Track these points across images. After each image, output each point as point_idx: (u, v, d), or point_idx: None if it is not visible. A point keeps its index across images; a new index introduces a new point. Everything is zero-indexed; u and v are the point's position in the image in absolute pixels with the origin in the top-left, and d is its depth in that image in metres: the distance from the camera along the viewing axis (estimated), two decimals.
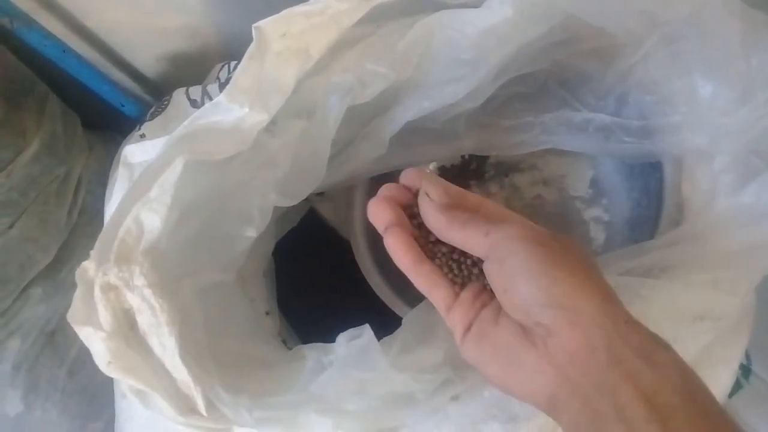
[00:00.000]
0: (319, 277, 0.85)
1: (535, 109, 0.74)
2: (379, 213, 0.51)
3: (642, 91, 0.66)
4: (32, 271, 0.84)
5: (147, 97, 1.02)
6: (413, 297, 0.70)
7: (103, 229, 0.50)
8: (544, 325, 0.41)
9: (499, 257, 0.44)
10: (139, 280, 0.47)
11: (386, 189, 0.52)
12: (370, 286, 0.73)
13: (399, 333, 0.55)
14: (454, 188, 0.50)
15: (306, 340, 0.71)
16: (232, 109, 0.54)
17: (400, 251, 0.49)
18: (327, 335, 0.59)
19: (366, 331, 0.53)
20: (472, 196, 0.50)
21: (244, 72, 0.55)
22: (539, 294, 0.42)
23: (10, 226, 0.81)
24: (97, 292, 0.47)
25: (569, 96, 0.72)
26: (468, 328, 0.46)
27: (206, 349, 0.51)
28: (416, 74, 0.61)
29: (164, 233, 0.49)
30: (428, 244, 0.50)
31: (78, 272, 0.48)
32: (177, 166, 0.49)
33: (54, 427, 0.90)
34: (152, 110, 0.84)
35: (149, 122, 0.81)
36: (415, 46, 0.59)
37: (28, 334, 0.84)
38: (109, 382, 0.74)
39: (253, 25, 0.55)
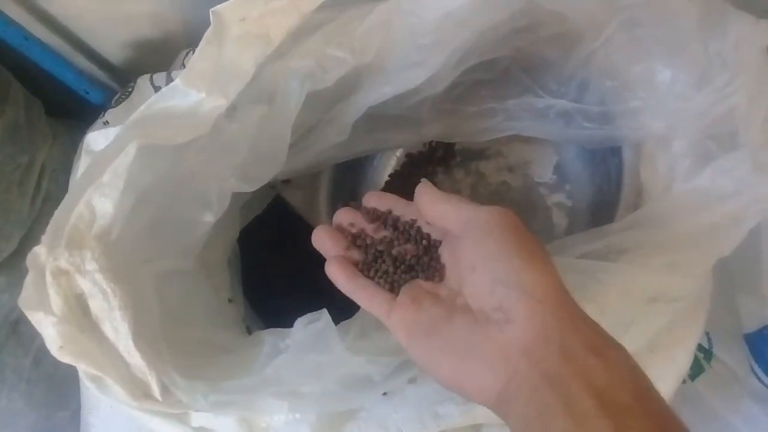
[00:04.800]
0: (284, 264, 0.85)
1: (498, 95, 0.74)
2: (321, 243, 0.56)
3: (603, 76, 0.67)
4: None
5: (112, 84, 1.01)
6: None
7: (55, 214, 0.49)
8: (504, 310, 0.41)
9: (476, 236, 0.46)
10: (91, 265, 0.46)
11: (338, 216, 0.58)
12: None
13: (357, 317, 0.55)
14: None
15: (271, 326, 0.71)
16: (189, 94, 0.53)
17: (340, 277, 0.52)
18: (292, 322, 0.58)
19: (323, 316, 0.53)
20: None
21: (201, 56, 0.54)
22: (509, 275, 0.42)
23: None
24: (48, 277, 0.47)
25: (532, 82, 0.73)
26: (411, 327, 0.47)
27: (161, 334, 0.51)
28: (377, 59, 0.61)
29: (117, 218, 0.49)
30: (369, 263, 0.53)
31: (29, 257, 0.48)
32: (130, 151, 0.49)
33: (20, 417, 0.89)
34: (117, 97, 0.83)
35: (113, 109, 0.81)
36: (375, 31, 0.59)
37: None
38: (75, 371, 0.74)
39: (211, 9, 0.55)
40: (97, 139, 0.74)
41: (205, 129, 0.54)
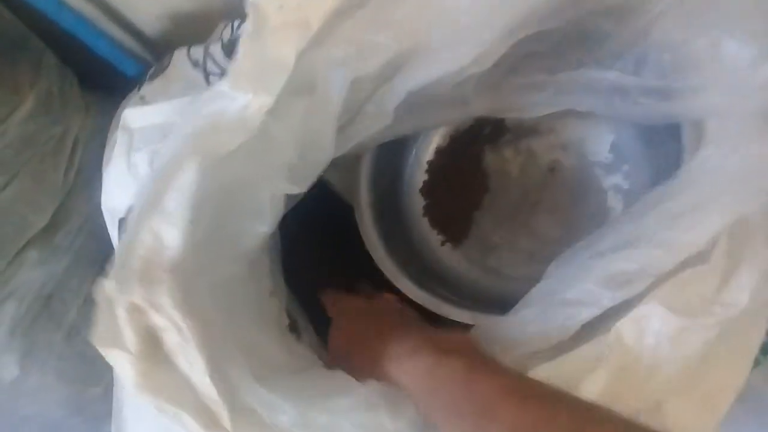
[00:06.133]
0: (324, 245, 0.83)
1: (549, 68, 0.72)
2: None
3: (661, 50, 0.64)
4: (27, 234, 0.82)
5: (146, 56, 0.98)
6: (416, 271, 0.72)
7: (119, 244, 0.48)
8: None
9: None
10: (165, 300, 0.45)
11: None
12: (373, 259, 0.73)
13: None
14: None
15: (312, 314, 0.72)
16: (237, 98, 0.52)
17: None
18: None
19: None
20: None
21: (244, 55, 0.53)
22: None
23: (4, 187, 0.78)
24: (121, 313, 0.46)
25: (586, 55, 0.70)
26: None
27: (228, 354, 0.50)
28: (419, 41, 0.59)
29: (186, 247, 0.47)
30: None
31: (97, 291, 0.47)
32: (190, 172, 0.47)
33: (52, 392, 0.89)
34: (152, 71, 0.81)
35: (149, 84, 0.79)
36: (416, 11, 0.57)
37: (24, 299, 0.82)
38: None
39: (248, 0, 0.54)
40: (134, 116, 0.73)
41: (252, 131, 0.53)
